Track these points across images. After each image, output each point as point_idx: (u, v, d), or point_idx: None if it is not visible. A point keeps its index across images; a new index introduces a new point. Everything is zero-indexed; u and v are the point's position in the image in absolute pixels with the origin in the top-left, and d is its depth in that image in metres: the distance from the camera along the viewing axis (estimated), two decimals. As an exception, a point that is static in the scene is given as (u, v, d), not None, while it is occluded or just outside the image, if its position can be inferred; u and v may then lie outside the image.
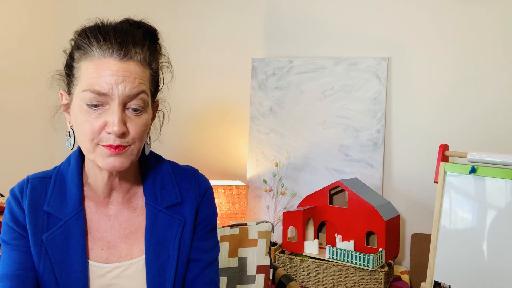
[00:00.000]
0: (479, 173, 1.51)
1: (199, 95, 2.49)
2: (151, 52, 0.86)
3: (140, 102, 0.81)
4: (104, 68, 0.78)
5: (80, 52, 0.82)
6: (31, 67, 2.55)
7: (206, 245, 0.96)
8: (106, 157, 0.81)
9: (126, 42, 0.81)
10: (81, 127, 0.80)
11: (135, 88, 0.80)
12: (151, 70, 0.86)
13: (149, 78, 0.85)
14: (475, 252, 1.50)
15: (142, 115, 0.82)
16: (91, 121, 0.79)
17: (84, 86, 0.79)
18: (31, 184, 0.90)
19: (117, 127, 0.78)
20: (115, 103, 0.78)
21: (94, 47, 0.80)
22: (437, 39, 2.07)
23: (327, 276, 1.84)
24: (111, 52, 0.79)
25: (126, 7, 2.52)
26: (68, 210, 0.88)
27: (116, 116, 0.78)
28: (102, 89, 0.78)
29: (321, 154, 2.24)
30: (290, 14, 2.32)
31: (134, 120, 0.81)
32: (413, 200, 2.12)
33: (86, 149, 0.82)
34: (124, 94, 0.79)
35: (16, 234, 0.87)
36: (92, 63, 0.80)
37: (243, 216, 2.23)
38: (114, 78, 0.78)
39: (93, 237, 0.89)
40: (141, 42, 0.83)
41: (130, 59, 0.80)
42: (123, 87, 0.78)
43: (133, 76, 0.80)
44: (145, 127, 0.83)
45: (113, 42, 0.80)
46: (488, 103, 2.00)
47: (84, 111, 0.80)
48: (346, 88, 2.19)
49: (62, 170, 0.93)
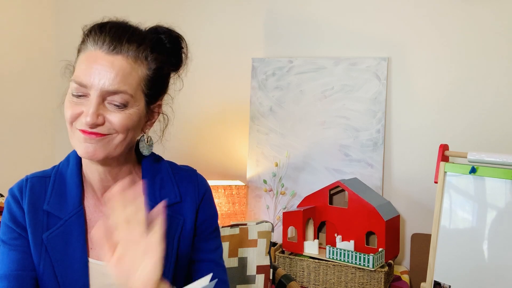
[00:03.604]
0: (479, 173, 1.51)
1: (199, 95, 2.49)
2: (154, 51, 0.85)
3: (120, 99, 0.80)
4: (91, 60, 0.80)
5: (82, 45, 0.84)
6: (31, 67, 2.55)
7: (210, 246, 0.97)
8: (82, 142, 0.81)
9: (119, 36, 0.81)
10: (65, 112, 0.83)
11: (115, 85, 0.79)
12: (148, 70, 0.84)
13: (141, 77, 0.83)
14: (475, 252, 1.50)
15: (124, 110, 0.82)
16: (72, 107, 0.81)
17: (73, 76, 0.82)
18: (30, 183, 0.90)
19: (90, 117, 0.78)
20: (94, 95, 0.79)
21: (90, 40, 0.82)
22: (437, 39, 2.07)
23: (327, 276, 1.84)
24: (101, 44, 0.80)
25: (126, 7, 2.52)
26: (68, 209, 0.88)
27: (91, 107, 0.79)
28: (83, 81, 0.79)
29: (321, 154, 2.24)
30: (290, 14, 2.32)
31: (114, 113, 0.81)
32: (413, 200, 2.12)
33: (69, 134, 0.84)
34: (102, 88, 0.79)
35: (15, 234, 0.87)
36: (84, 55, 0.82)
37: (243, 216, 2.23)
38: (97, 71, 0.79)
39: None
40: (138, 40, 0.83)
41: (119, 53, 0.80)
42: (103, 82, 0.79)
43: (116, 71, 0.79)
44: (128, 120, 0.82)
45: (106, 35, 0.81)
46: (488, 103, 2.00)
47: (69, 99, 0.82)
48: (346, 88, 2.19)
49: (61, 169, 0.93)
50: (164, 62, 0.88)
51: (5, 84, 2.41)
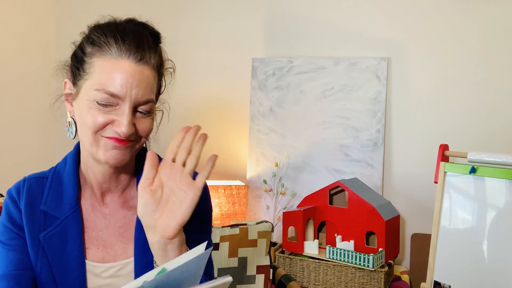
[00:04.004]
0: (479, 173, 1.51)
1: (199, 95, 2.49)
2: (160, 56, 0.87)
3: (148, 107, 0.83)
4: (119, 70, 0.79)
5: (94, 48, 0.81)
6: (30, 67, 2.55)
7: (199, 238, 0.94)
8: (110, 149, 0.81)
9: (143, 45, 0.82)
10: (86, 119, 0.81)
11: (146, 95, 0.81)
12: (159, 75, 0.87)
13: (157, 82, 0.86)
14: (475, 252, 1.50)
15: (148, 117, 0.84)
16: (98, 115, 0.80)
17: (97, 85, 0.79)
18: (27, 184, 0.90)
19: (126, 128, 0.79)
20: (127, 105, 0.79)
21: (111, 46, 0.80)
22: (437, 39, 2.07)
23: (327, 276, 1.84)
24: (128, 54, 0.80)
25: (126, 7, 2.52)
26: (64, 209, 0.88)
27: (126, 118, 0.79)
28: (115, 91, 0.78)
29: (321, 154, 2.24)
30: (290, 14, 2.32)
31: (141, 121, 0.83)
32: (413, 200, 2.12)
33: (88, 141, 0.82)
34: (136, 98, 0.80)
35: (12, 234, 0.88)
36: (108, 63, 0.79)
37: (243, 216, 2.23)
38: (130, 81, 0.79)
39: (89, 236, 0.90)
40: (154, 47, 0.85)
41: (145, 63, 0.81)
42: (136, 92, 0.79)
43: (146, 81, 0.81)
44: (151, 128, 0.86)
45: (131, 44, 0.80)
46: (488, 103, 2.00)
47: (92, 107, 0.80)
48: (346, 88, 2.19)
49: (58, 170, 0.93)
50: (164, 63, 0.90)
51: (5, 84, 2.41)
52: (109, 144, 0.81)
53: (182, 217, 0.74)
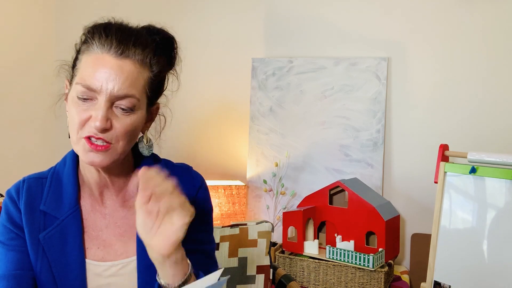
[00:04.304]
0: (479, 173, 1.51)
1: (199, 95, 2.49)
2: (156, 54, 0.86)
3: (128, 103, 0.81)
4: (99, 64, 0.79)
5: (84, 45, 0.83)
6: (30, 67, 2.55)
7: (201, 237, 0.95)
8: (87, 151, 0.81)
9: (126, 40, 0.82)
10: (71, 118, 0.82)
11: (124, 89, 0.80)
12: (151, 73, 0.85)
13: (146, 80, 0.84)
14: (475, 252, 1.50)
15: (130, 115, 0.82)
16: (79, 112, 0.80)
17: (78, 79, 0.81)
18: (27, 184, 0.91)
19: (100, 122, 0.78)
20: (103, 99, 0.79)
21: (95, 42, 0.81)
22: (437, 39, 2.07)
23: (327, 276, 1.84)
24: (109, 48, 0.80)
25: (126, 7, 2.52)
26: (64, 209, 0.89)
27: (100, 112, 0.79)
28: (92, 85, 0.79)
29: (321, 154, 2.24)
30: (290, 14, 2.32)
31: (120, 119, 0.81)
32: (413, 200, 2.12)
33: (72, 140, 0.83)
34: (112, 93, 0.79)
35: (12, 235, 0.88)
36: (90, 57, 0.81)
37: (243, 216, 2.23)
38: (107, 75, 0.79)
39: (89, 236, 0.90)
40: (143, 44, 0.84)
41: (127, 58, 0.81)
42: (112, 86, 0.79)
43: (125, 75, 0.80)
44: (131, 126, 0.83)
45: (113, 39, 0.81)
46: (488, 103, 2.00)
47: (75, 103, 0.81)
48: (346, 88, 2.19)
49: (58, 170, 0.93)
50: (164, 64, 0.90)
51: (5, 84, 2.41)
52: (86, 147, 0.81)
53: (175, 237, 0.74)
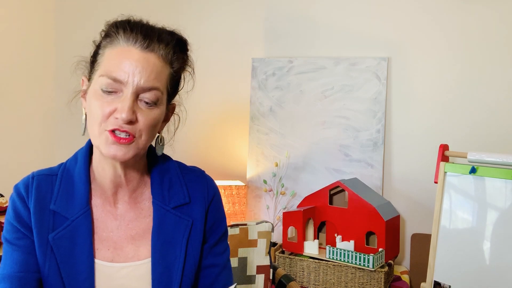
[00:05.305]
0: (479, 173, 1.51)
1: (199, 95, 2.49)
2: (176, 52, 0.87)
3: (152, 96, 0.82)
4: (125, 56, 0.80)
5: (107, 40, 0.84)
6: (32, 65, 2.55)
7: (218, 249, 0.96)
8: (110, 144, 0.81)
9: (151, 35, 0.83)
10: (92, 111, 0.81)
11: (150, 82, 0.81)
12: (172, 69, 0.86)
13: (167, 76, 0.85)
14: (475, 252, 1.50)
15: (154, 109, 0.83)
16: (103, 105, 0.80)
17: (102, 72, 0.81)
18: (36, 181, 0.88)
19: (126, 113, 0.78)
20: (129, 91, 0.79)
21: (120, 35, 0.82)
22: (437, 39, 2.07)
23: (327, 276, 1.84)
24: (134, 41, 0.81)
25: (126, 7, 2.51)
26: (75, 209, 0.87)
27: (127, 103, 0.79)
28: (118, 76, 0.79)
29: (321, 154, 2.24)
30: (290, 14, 2.32)
31: (144, 112, 0.82)
32: (413, 200, 2.12)
33: (93, 134, 0.82)
34: (138, 84, 0.80)
35: (19, 234, 0.86)
36: (115, 50, 0.82)
37: (243, 216, 2.23)
38: (133, 67, 0.79)
39: (99, 237, 0.88)
40: (166, 40, 0.85)
41: (152, 51, 0.82)
42: (139, 78, 0.80)
43: (151, 68, 0.81)
44: (155, 121, 0.84)
45: (138, 33, 0.82)
46: (488, 103, 2.00)
47: (98, 96, 0.81)
48: (346, 88, 2.19)
49: (68, 167, 0.91)
50: (182, 62, 0.90)
51: (6, 84, 2.41)
52: (109, 139, 0.80)
53: None
